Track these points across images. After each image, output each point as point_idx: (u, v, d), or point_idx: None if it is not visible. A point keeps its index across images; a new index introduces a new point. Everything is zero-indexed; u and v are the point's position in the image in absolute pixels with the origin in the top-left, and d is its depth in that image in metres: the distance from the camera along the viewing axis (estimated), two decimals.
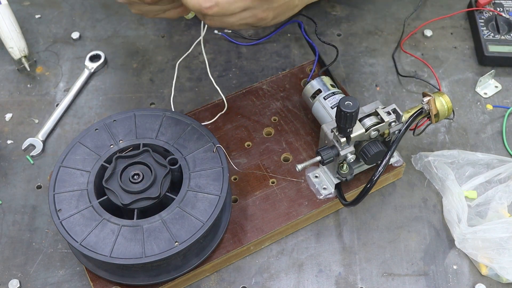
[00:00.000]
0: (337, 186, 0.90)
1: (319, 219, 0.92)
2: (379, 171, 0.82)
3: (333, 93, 0.93)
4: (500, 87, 1.06)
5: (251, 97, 1.02)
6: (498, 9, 1.13)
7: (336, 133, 0.83)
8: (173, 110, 0.91)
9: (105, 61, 1.11)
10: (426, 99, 0.88)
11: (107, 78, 1.10)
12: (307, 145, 0.96)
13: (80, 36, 1.15)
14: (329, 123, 0.87)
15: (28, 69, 1.09)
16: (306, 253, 0.90)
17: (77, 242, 0.79)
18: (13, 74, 1.11)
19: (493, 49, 1.08)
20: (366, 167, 0.91)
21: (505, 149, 0.99)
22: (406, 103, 1.05)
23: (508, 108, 1.03)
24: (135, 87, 1.08)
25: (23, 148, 1.00)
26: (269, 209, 0.90)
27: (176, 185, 0.85)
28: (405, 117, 0.87)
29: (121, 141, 0.88)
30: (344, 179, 0.88)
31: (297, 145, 0.96)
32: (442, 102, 0.88)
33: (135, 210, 0.81)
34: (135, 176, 0.83)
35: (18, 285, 0.87)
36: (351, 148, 0.85)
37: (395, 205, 0.94)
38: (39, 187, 0.97)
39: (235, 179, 0.93)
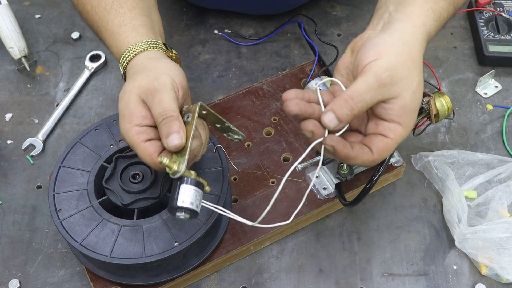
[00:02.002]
0: (337, 186, 0.90)
1: (319, 219, 0.92)
2: (379, 171, 0.82)
3: None
4: (500, 87, 1.06)
5: (251, 97, 1.01)
6: (498, 9, 1.13)
7: None
8: None
9: (105, 61, 1.11)
10: (426, 99, 0.87)
11: (107, 78, 1.10)
12: (307, 145, 0.95)
13: (80, 36, 1.15)
14: None
15: (28, 69, 1.09)
16: (306, 253, 0.90)
17: (77, 242, 0.79)
18: (13, 74, 1.11)
19: (493, 49, 1.08)
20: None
21: (505, 149, 0.99)
22: None
23: (508, 108, 1.03)
24: None
25: (23, 148, 1.00)
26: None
27: None
28: None
29: (121, 141, 0.88)
30: (344, 179, 0.88)
31: (297, 145, 0.96)
32: (442, 102, 0.87)
33: (135, 210, 0.81)
34: (135, 176, 0.83)
35: (18, 285, 0.87)
36: None
37: (395, 205, 0.94)
38: (39, 187, 0.97)
39: (235, 179, 0.93)
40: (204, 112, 0.76)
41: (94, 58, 1.11)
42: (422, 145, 1.00)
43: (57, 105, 1.06)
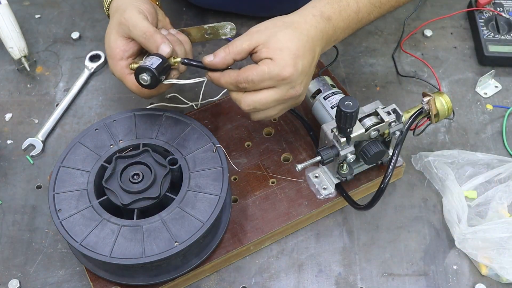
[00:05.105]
0: (344, 192, 0.90)
1: (319, 219, 0.92)
2: (388, 176, 0.83)
3: (333, 93, 0.93)
4: (500, 87, 1.06)
5: None
6: (498, 9, 1.13)
7: (336, 133, 0.83)
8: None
9: (105, 61, 1.11)
10: (426, 99, 0.88)
11: (107, 78, 1.10)
12: (307, 145, 0.96)
13: (80, 36, 1.15)
14: (329, 123, 0.87)
15: (28, 69, 1.09)
16: (306, 253, 0.90)
17: (77, 242, 0.79)
18: (13, 74, 1.11)
19: (493, 49, 1.08)
20: (366, 167, 0.91)
21: (505, 149, 0.99)
22: (406, 103, 1.05)
23: (508, 108, 1.03)
24: None
25: (23, 148, 1.00)
26: (269, 209, 0.90)
27: (176, 185, 0.85)
28: (405, 117, 0.87)
29: (121, 141, 0.88)
30: (344, 179, 0.88)
31: (297, 145, 0.96)
32: (442, 102, 0.88)
33: (135, 210, 0.81)
34: (135, 176, 0.83)
35: (18, 285, 0.87)
36: (351, 148, 0.85)
37: (395, 205, 0.94)
38: (39, 187, 0.97)
39: (235, 179, 0.93)
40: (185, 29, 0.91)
41: (94, 58, 1.11)
42: (422, 145, 1.00)
43: (57, 105, 1.06)
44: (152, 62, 0.81)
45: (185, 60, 0.84)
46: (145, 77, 0.80)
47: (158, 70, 0.80)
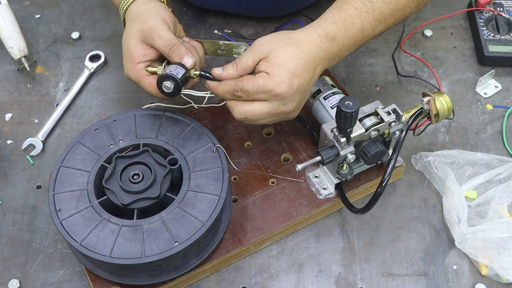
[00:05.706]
0: (342, 195, 0.90)
1: (319, 219, 0.92)
2: (386, 179, 0.82)
3: (333, 93, 0.93)
4: (500, 87, 1.06)
5: None
6: (498, 9, 1.13)
7: (336, 133, 0.83)
8: None
9: (105, 61, 1.11)
10: (426, 99, 0.88)
11: (107, 78, 1.10)
12: (307, 145, 0.96)
13: (80, 36, 1.15)
14: (329, 123, 0.87)
15: (28, 69, 1.09)
16: (306, 253, 0.90)
17: (77, 242, 0.79)
18: (13, 74, 1.11)
19: (493, 49, 1.08)
20: (366, 167, 0.91)
21: (505, 149, 0.99)
22: (406, 103, 1.05)
23: (508, 108, 1.03)
24: (135, 87, 1.07)
25: (23, 148, 1.00)
26: (269, 209, 0.90)
27: (176, 185, 0.85)
28: (405, 117, 0.87)
29: (121, 141, 0.88)
30: (344, 179, 0.88)
31: (297, 145, 0.96)
32: (442, 102, 0.88)
33: (135, 210, 0.81)
34: (135, 176, 0.83)
35: (18, 285, 0.87)
36: (351, 148, 0.85)
37: (395, 205, 0.94)
38: (39, 187, 0.97)
39: (235, 179, 0.93)
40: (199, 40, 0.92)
41: (94, 58, 1.11)
42: (422, 145, 1.00)
43: (57, 105, 1.06)
44: (178, 71, 0.83)
45: (202, 73, 0.85)
46: (168, 84, 0.82)
47: (181, 79, 0.83)
